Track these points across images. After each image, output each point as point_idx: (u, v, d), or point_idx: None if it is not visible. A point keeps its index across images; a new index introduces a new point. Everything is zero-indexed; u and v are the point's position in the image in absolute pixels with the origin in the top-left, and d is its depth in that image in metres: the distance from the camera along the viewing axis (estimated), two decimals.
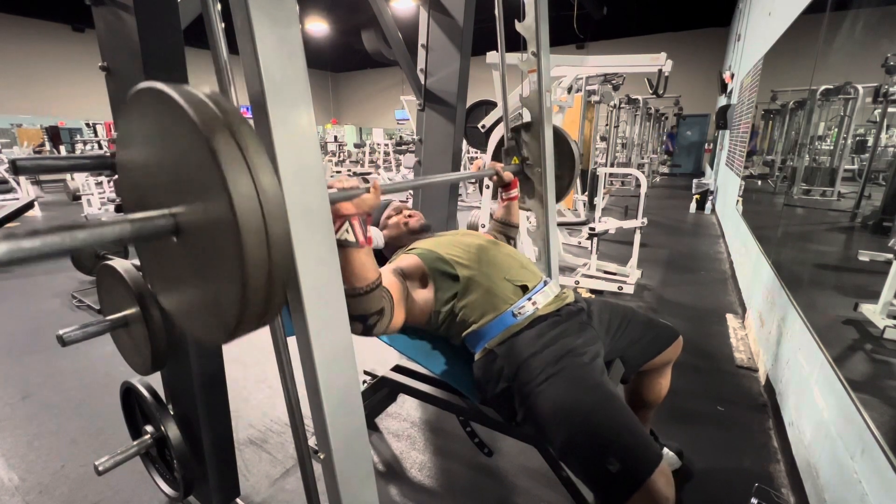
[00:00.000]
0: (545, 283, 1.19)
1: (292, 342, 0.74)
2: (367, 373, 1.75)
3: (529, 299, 1.13)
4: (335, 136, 13.26)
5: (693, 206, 6.40)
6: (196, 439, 1.20)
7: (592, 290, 3.16)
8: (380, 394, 1.69)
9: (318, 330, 0.68)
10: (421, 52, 1.81)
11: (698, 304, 2.99)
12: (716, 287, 3.30)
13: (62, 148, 10.01)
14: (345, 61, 17.17)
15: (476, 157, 8.86)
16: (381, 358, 1.97)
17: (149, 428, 1.24)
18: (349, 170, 7.78)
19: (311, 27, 11.28)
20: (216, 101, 0.48)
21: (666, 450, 1.38)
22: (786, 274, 1.95)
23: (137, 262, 0.93)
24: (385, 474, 1.51)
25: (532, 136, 1.52)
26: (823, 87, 1.88)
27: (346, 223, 0.83)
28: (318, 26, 11.43)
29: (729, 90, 6.36)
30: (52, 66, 12.21)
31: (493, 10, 1.40)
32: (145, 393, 1.20)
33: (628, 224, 3.35)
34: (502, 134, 1.63)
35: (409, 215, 1.39)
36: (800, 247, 2.04)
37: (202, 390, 1.17)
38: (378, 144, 10.71)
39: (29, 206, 4.56)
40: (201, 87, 0.51)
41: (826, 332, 1.41)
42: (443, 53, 1.76)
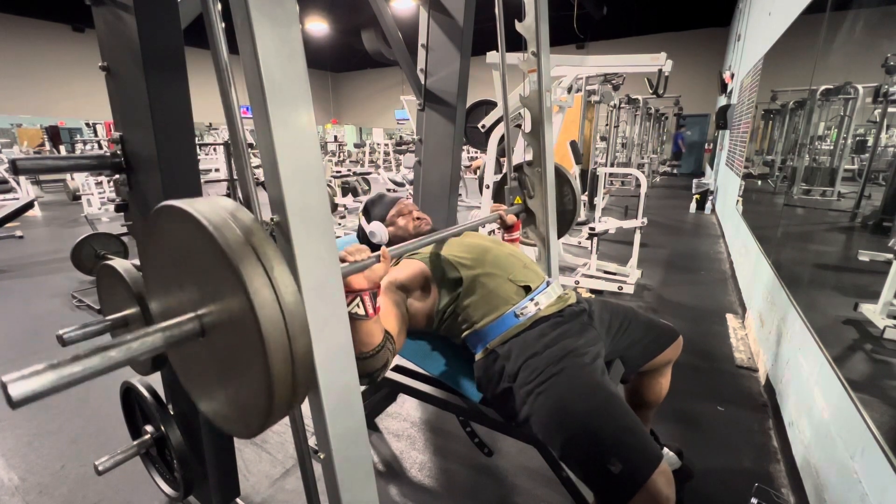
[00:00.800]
0: (547, 284, 1.19)
1: None
2: None
3: (532, 300, 1.13)
4: (335, 136, 13.26)
5: (693, 206, 6.41)
6: (196, 439, 1.20)
7: (592, 290, 3.16)
8: (379, 394, 1.69)
9: (317, 330, 0.67)
10: (421, 52, 1.81)
11: (698, 304, 2.99)
12: (716, 287, 3.30)
13: (62, 148, 10.02)
14: (345, 61, 17.19)
15: (476, 157, 8.86)
16: None
17: (149, 428, 1.24)
18: (349, 170, 7.78)
19: (311, 27, 11.29)
20: (237, 218, 0.54)
21: (666, 450, 1.38)
22: (786, 274, 1.94)
23: (137, 261, 0.93)
24: (385, 474, 1.51)
25: (533, 172, 1.55)
26: (823, 87, 1.88)
27: (358, 298, 0.84)
28: (318, 26, 11.44)
29: (729, 90, 6.36)
30: (52, 66, 12.22)
31: (493, 10, 1.40)
32: (145, 393, 1.19)
33: (628, 224, 3.36)
34: (504, 173, 1.64)
35: (417, 218, 1.36)
36: (800, 247, 2.03)
37: None
38: (378, 144, 10.73)
39: (29, 206, 4.57)
40: (219, 199, 0.57)
41: (826, 332, 1.41)
42: (443, 53, 1.76)
